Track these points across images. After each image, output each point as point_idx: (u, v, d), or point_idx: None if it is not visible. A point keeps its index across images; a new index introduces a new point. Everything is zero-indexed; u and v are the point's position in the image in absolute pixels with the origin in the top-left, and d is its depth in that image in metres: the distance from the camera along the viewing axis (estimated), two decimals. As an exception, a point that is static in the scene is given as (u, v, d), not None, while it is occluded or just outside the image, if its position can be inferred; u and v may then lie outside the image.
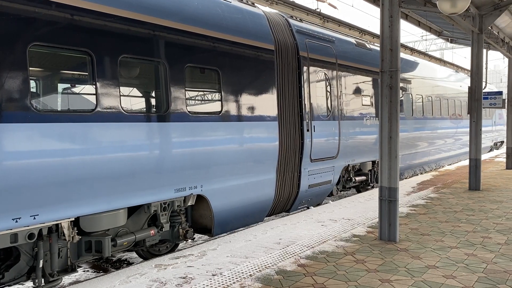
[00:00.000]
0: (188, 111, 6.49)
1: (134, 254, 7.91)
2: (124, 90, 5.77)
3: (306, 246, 6.44)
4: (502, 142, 28.66)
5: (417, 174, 15.61)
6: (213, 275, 5.28)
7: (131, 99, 5.88)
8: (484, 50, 14.76)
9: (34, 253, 5.18)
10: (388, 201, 6.67)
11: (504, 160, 17.24)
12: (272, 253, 6.12)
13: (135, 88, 6.08)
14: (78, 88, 5.48)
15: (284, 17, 9.36)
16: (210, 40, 6.93)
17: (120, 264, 7.48)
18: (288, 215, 9.14)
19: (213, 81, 7.07)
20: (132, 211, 6.21)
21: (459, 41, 16.81)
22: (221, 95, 7.12)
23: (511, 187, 11.80)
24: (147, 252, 7.02)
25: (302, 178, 9.08)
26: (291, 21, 9.34)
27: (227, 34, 7.26)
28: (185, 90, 6.47)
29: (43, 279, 5.25)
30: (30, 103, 4.68)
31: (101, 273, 6.88)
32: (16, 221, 4.65)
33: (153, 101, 6.27)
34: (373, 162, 12.06)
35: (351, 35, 13.21)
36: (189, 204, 6.77)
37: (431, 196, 10.52)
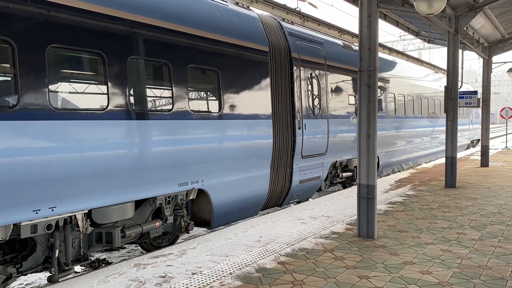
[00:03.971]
0: (191, 110, 6.82)
1: (113, 254, 7.83)
2: (137, 90, 6.10)
3: (286, 243, 6.49)
4: (478, 140, 29.30)
5: (395, 172, 15.89)
6: (193, 274, 5.27)
7: (142, 99, 6.19)
8: (460, 51, 15.07)
9: (49, 244, 5.45)
10: (366, 198, 6.76)
11: (479, 158, 17.65)
12: (252, 251, 6.14)
13: (147, 89, 6.33)
14: (96, 88, 5.70)
15: (276, 19, 9.72)
16: (211, 42, 7.25)
17: (99, 264, 7.39)
18: (269, 213, 9.18)
19: (213, 81, 7.39)
20: (137, 204, 6.46)
21: (436, 42, 17.11)
22: (220, 94, 7.43)
23: (486, 184, 12.09)
24: (150, 244, 7.28)
25: (294, 174, 9.48)
26: (283, 23, 9.70)
27: (225, 36, 7.60)
28: (187, 89, 6.79)
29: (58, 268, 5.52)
30: (49, 102, 5.00)
31: (79, 273, 6.79)
32: (36, 213, 4.94)
33: (159, 101, 6.48)
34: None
35: (332, 35, 13.32)
36: (190, 198, 7.11)
37: (408, 194, 10.70)
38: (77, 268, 7.12)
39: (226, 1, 8.17)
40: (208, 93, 7.36)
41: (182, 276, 5.20)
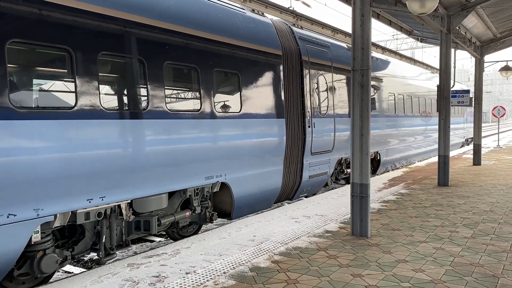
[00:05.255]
0: (216, 110, 7.48)
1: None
2: (171, 92, 6.79)
3: (280, 242, 6.50)
4: (473, 138, 29.54)
5: (389, 171, 16.00)
6: (187, 273, 5.26)
7: (178, 100, 6.94)
8: (452, 50, 15.15)
9: (96, 231, 6.10)
10: (360, 197, 6.79)
11: (472, 156, 17.77)
12: (246, 250, 6.15)
13: (182, 91, 7.14)
14: (134, 89, 6.27)
15: (287, 24, 10.42)
16: (232, 47, 7.91)
17: (92, 263, 7.36)
18: (263, 212, 9.20)
19: (235, 83, 8.05)
20: (169, 196, 7.01)
21: (429, 41, 17.19)
22: (240, 95, 8.10)
23: (478, 182, 12.18)
24: (177, 234, 7.89)
25: (304, 169, 10.15)
26: (294, 28, 10.40)
27: (245, 42, 8.27)
28: (213, 92, 7.43)
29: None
30: (100, 102, 5.61)
31: (72, 274, 6.76)
32: (90, 202, 5.56)
33: (191, 103, 7.19)
34: None
35: (324, 34, 13.38)
36: (214, 190, 7.74)
37: (401, 192, 10.76)
38: (70, 268, 7.09)
39: (244, 9, 8.85)
40: (230, 94, 7.97)
41: (176, 275, 5.19)
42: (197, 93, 7.16)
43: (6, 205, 4.67)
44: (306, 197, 10.82)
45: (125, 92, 6.10)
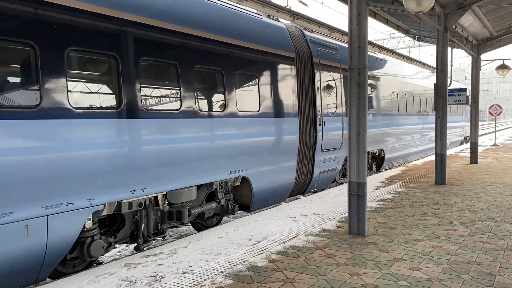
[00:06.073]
0: (238, 110, 8.06)
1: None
2: (200, 94, 7.43)
3: (277, 241, 6.49)
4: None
5: (386, 169, 16.05)
6: (184, 272, 5.26)
7: (209, 102, 7.61)
8: (449, 48, 15.19)
9: (134, 220, 6.67)
10: (357, 195, 6.79)
11: (468, 155, 17.82)
12: (244, 249, 6.14)
13: (210, 93, 7.68)
14: (167, 91, 6.96)
15: (299, 28, 11.02)
16: (252, 51, 8.52)
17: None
18: (260, 211, 9.20)
19: (254, 84, 8.65)
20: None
21: (426, 39, 17.21)
22: (259, 95, 8.67)
23: (475, 181, 12.21)
24: (201, 224, 8.51)
25: (315, 165, 10.76)
26: (305, 32, 11.01)
27: (262, 46, 8.84)
28: (235, 92, 8.07)
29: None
30: (142, 103, 6.24)
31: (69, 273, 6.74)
32: (132, 193, 6.16)
33: (217, 103, 7.75)
34: (367, 153, 13.71)
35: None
36: (236, 184, 8.36)
37: (398, 191, 10.77)
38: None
39: (260, 15, 9.46)
40: (250, 94, 8.54)
41: (173, 275, 5.18)
42: (222, 94, 7.79)
43: (65, 195, 5.29)
44: (314, 192, 11.42)
45: (178, 96, 6.88)
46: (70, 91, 5.35)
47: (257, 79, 8.65)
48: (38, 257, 5.15)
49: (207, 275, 5.14)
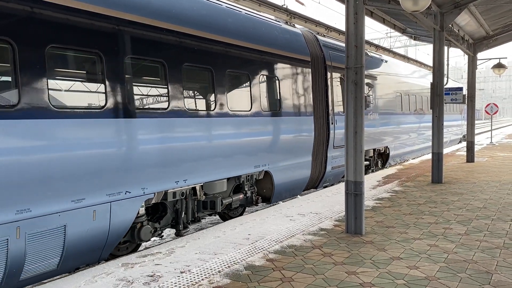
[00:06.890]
0: (262, 110, 8.88)
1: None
2: (231, 95, 8.06)
3: (274, 241, 6.50)
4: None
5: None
6: (182, 272, 5.25)
7: (239, 102, 8.28)
8: (446, 47, 15.21)
9: (175, 209, 7.40)
10: (354, 195, 6.80)
11: (465, 153, 17.86)
12: (241, 248, 6.14)
13: (239, 94, 8.36)
14: (205, 93, 7.70)
15: (312, 33, 11.84)
16: (273, 55, 9.25)
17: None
18: (258, 210, 9.20)
19: (275, 86, 9.40)
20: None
21: (422, 38, 17.23)
22: (279, 96, 9.45)
23: (471, 179, 12.25)
24: (227, 214, 9.31)
25: (328, 161, 11.51)
26: (318, 36, 11.82)
27: (281, 50, 9.59)
28: (259, 93, 8.78)
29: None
30: (184, 104, 7.03)
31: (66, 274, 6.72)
32: (177, 183, 6.90)
33: (245, 103, 8.45)
34: (374, 150, 14.86)
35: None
36: (259, 177, 9.14)
37: (395, 190, 10.79)
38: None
39: (279, 21, 10.24)
40: (271, 95, 9.28)
41: (170, 274, 5.17)
42: (249, 94, 8.54)
43: (123, 185, 6.03)
44: (325, 187, 12.11)
45: (214, 99, 7.63)
46: (135, 94, 6.22)
47: (278, 81, 9.41)
48: (102, 238, 5.91)
49: (205, 275, 5.13)
